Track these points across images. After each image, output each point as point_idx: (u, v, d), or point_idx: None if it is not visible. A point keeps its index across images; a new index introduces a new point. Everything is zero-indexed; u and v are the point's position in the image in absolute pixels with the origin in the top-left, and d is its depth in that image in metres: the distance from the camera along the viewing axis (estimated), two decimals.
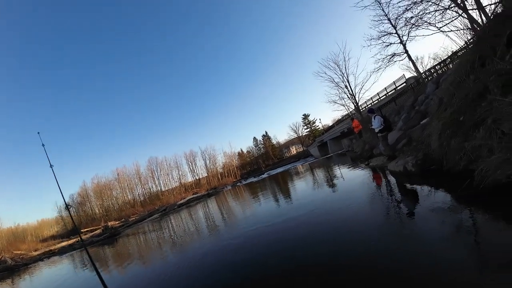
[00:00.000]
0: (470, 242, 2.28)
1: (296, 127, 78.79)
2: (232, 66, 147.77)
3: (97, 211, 60.97)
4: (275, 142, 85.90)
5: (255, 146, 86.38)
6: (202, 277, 3.84)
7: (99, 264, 8.93)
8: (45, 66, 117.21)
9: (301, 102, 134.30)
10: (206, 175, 69.84)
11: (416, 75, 19.56)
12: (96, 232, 23.77)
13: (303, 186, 9.99)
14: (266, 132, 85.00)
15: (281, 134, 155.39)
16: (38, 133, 7.53)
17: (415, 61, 18.11)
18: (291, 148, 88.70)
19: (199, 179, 68.58)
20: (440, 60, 15.99)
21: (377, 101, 25.22)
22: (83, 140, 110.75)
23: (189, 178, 69.70)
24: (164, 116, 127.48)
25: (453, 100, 4.63)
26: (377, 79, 20.50)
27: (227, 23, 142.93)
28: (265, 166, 75.49)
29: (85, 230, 27.20)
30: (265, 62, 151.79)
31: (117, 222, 26.01)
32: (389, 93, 23.97)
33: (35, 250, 24.44)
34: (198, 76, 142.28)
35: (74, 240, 23.59)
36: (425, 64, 23.59)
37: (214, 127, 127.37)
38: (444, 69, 13.15)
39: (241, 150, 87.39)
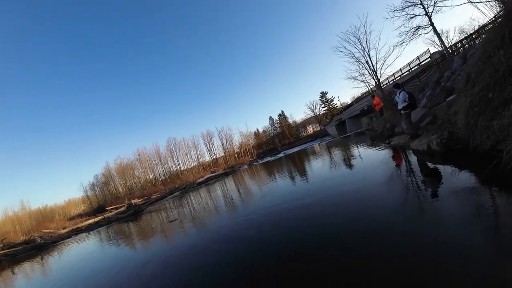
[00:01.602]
0: (493, 226, 2.20)
1: (313, 105, 77.34)
2: (248, 45, 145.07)
3: (121, 190, 64.45)
4: (291, 122, 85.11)
5: (271, 126, 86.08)
6: (219, 250, 4.04)
7: (125, 239, 9.63)
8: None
9: (319, 80, 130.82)
10: (223, 154, 71.19)
11: (441, 49, 18.32)
12: (120, 209, 24.83)
13: (319, 166, 9.96)
14: (282, 111, 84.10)
15: (297, 113, 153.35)
16: None
17: (440, 34, 16.92)
18: (307, 127, 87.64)
19: (216, 158, 70.05)
20: (466, 34, 14.89)
21: (399, 77, 23.96)
22: (104, 123, 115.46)
23: (207, 158, 71.55)
24: (181, 97, 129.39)
25: (482, 76, 4.33)
26: (400, 53, 19.34)
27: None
28: (281, 145, 75.53)
29: (110, 207, 28.61)
30: (283, 39, 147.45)
31: (140, 200, 27.28)
32: (412, 69, 22.64)
33: (63, 228, 25.67)
34: (214, 56, 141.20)
35: (100, 217, 24.63)
36: (451, 38, 22.03)
37: (230, 107, 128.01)
38: (472, 44, 12.23)
39: (257, 129, 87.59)
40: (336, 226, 3.36)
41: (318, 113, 77.19)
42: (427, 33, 15.90)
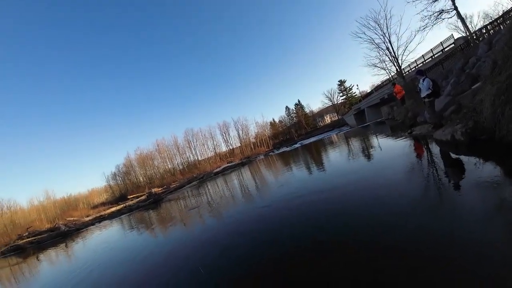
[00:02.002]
0: None
1: (331, 94, 75.54)
2: (264, 35, 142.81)
3: (141, 179, 66.78)
4: (308, 111, 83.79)
5: (287, 116, 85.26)
6: (237, 238, 4.20)
7: (146, 226, 10.11)
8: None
9: (337, 68, 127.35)
10: (239, 145, 71.66)
11: (465, 35, 17.29)
12: (141, 198, 25.41)
13: (336, 156, 9.86)
14: (298, 101, 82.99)
15: (314, 103, 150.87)
16: None
17: (464, 19, 15.97)
18: (325, 116, 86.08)
19: (232, 149, 70.75)
20: (491, 19, 13.95)
21: (422, 64, 22.83)
22: (125, 116, 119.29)
23: (223, 148, 72.41)
24: (198, 88, 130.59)
25: (509, 62, 4.10)
26: (423, 39, 18.36)
27: None
28: (297, 135, 74.92)
29: (132, 196, 29.62)
30: (299, 26, 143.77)
31: (160, 189, 28.14)
32: (435, 56, 21.49)
33: (87, 216, 26.28)
34: (232, 47, 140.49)
35: (122, 206, 25.32)
36: (475, 23, 20.70)
37: (246, 97, 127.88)
38: (497, 29, 11.56)
39: (273, 120, 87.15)
40: (352, 218, 3.35)
41: (336, 102, 75.41)
42: (451, 17, 15.30)
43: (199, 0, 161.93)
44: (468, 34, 16.14)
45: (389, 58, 18.78)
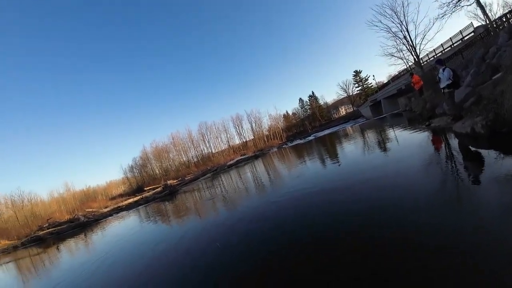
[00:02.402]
0: None
1: (346, 85, 73.93)
2: (277, 26, 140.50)
3: (157, 171, 68.63)
4: (322, 103, 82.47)
5: (301, 108, 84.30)
6: (249, 229, 4.33)
7: (162, 217, 10.49)
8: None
9: (353, 58, 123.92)
10: (252, 137, 71.86)
11: (485, 23, 16.42)
12: (157, 189, 26.11)
13: (351, 149, 9.75)
14: (312, 92, 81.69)
15: (329, 94, 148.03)
16: None
17: (484, 7, 15.20)
18: (340, 108, 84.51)
19: (246, 141, 71.07)
20: (510, 8, 13.13)
21: (440, 53, 21.81)
22: (141, 109, 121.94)
23: (237, 141, 72.96)
24: (211, 81, 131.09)
25: None
26: (441, 27, 17.52)
27: None
28: (311, 128, 74.17)
29: (148, 188, 30.46)
30: (312, 14, 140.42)
31: (175, 181, 28.83)
32: (454, 45, 20.49)
33: (105, 207, 27.40)
34: (244, 39, 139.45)
35: (139, 197, 26.11)
36: (494, 12, 19.56)
37: (259, 90, 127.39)
38: None
39: (287, 112, 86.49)
40: (367, 213, 3.31)
41: (351, 94, 73.74)
42: (470, 4, 14.69)
43: None
44: (488, 22, 15.38)
45: (406, 47, 18.18)
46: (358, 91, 71.62)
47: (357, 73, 70.35)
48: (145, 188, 31.97)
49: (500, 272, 1.63)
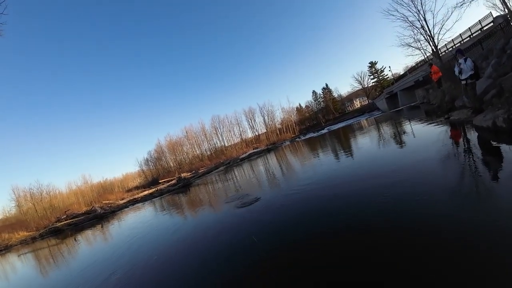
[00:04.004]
0: None
1: (361, 77, 72.01)
2: (291, 16, 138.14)
3: (171, 164, 69.90)
4: (336, 95, 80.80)
5: (314, 100, 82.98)
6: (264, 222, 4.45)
7: (177, 208, 10.79)
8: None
9: (368, 49, 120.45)
10: (265, 131, 71.72)
11: (504, 13, 15.62)
12: (171, 182, 26.59)
13: (366, 143, 9.65)
14: (326, 85, 79.96)
15: (343, 86, 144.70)
16: None
17: None
18: (354, 101, 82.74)
19: (258, 135, 71.05)
20: None
21: (459, 43, 20.87)
22: (155, 103, 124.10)
23: (249, 134, 72.96)
24: (223, 73, 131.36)
25: None
26: (460, 16, 16.68)
27: None
28: (325, 121, 73.16)
29: (163, 180, 31.00)
30: (328, 4, 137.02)
31: (189, 174, 29.26)
32: (473, 35, 19.59)
33: (122, 199, 27.61)
34: (256, 31, 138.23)
35: (154, 189, 26.37)
36: None
37: (272, 82, 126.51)
38: None
39: (300, 105, 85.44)
40: (383, 209, 3.26)
41: (366, 86, 71.86)
42: None
43: None
44: (507, 12, 14.65)
45: (424, 37, 17.52)
46: (373, 83, 69.68)
47: (372, 64, 68.36)
48: (160, 181, 32.63)
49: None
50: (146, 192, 27.11)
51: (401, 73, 40.83)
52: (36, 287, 6.18)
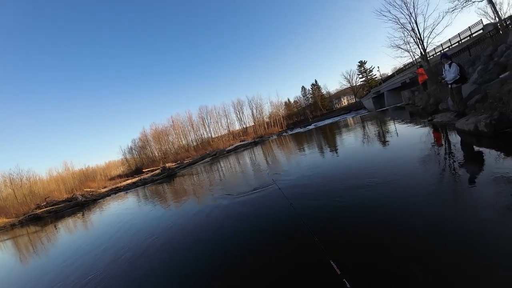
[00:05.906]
0: None
1: (349, 75, 72.80)
2: (282, 8, 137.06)
3: (156, 154, 68.42)
4: (325, 92, 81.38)
5: (303, 96, 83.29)
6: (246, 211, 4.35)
7: (161, 199, 10.58)
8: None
9: (358, 48, 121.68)
10: (252, 124, 71.58)
11: (494, 21, 16.22)
12: (156, 172, 26.38)
13: (350, 140, 9.75)
14: (315, 81, 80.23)
15: (332, 84, 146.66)
16: None
17: (494, 4, 15.49)
18: (342, 99, 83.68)
19: (246, 127, 70.80)
20: None
21: (448, 48, 21.39)
22: (141, 89, 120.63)
23: (237, 127, 72.57)
24: (212, 63, 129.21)
25: None
26: (451, 22, 17.06)
27: None
28: (312, 117, 73.76)
29: (147, 170, 30.43)
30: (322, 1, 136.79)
31: (174, 164, 28.92)
32: (462, 41, 20.13)
33: (104, 187, 27.31)
34: (246, 24, 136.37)
35: (137, 178, 26.17)
36: (504, 11, 19.27)
37: (261, 75, 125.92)
38: None
39: (288, 100, 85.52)
40: (359, 208, 3.34)
41: (354, 84, 72.79)
42: (481, 1, 14.98)
43: None
44: (499, 20, 15.25)
45: (414, 39, 17.67)
46: (361, 82, 70.67)
47: (361, 63, 69.17)
48: (143, 170, 32.07)
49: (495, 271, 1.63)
50: (129, 181, 26.74)
51: (389, 74, 41.57)
52: (15, 276, 5.88)
